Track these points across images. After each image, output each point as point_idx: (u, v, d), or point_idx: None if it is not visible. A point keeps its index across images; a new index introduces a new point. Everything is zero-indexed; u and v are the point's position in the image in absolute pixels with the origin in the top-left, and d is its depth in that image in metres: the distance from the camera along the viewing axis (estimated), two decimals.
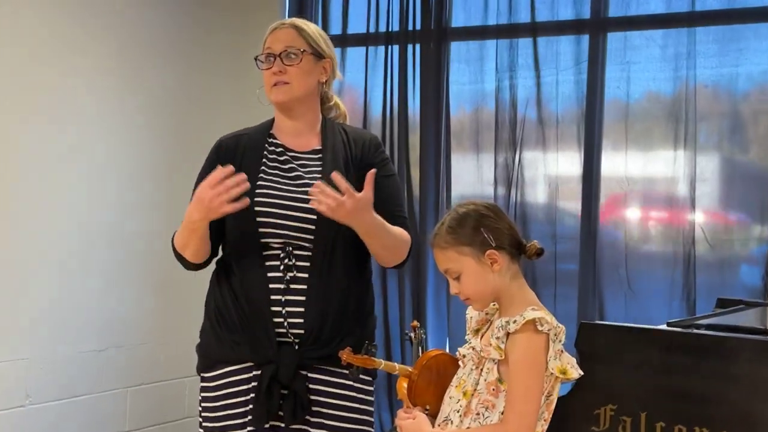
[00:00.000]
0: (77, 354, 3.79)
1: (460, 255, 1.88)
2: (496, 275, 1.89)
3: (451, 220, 1.92)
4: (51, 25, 3.68)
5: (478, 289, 1.90)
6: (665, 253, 3.73)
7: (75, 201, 3.78)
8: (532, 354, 1.82)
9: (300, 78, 2.29)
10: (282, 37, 2.31)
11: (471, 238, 1.88)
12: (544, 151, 3.94)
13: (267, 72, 2.31)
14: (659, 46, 3.75)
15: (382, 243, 2.25)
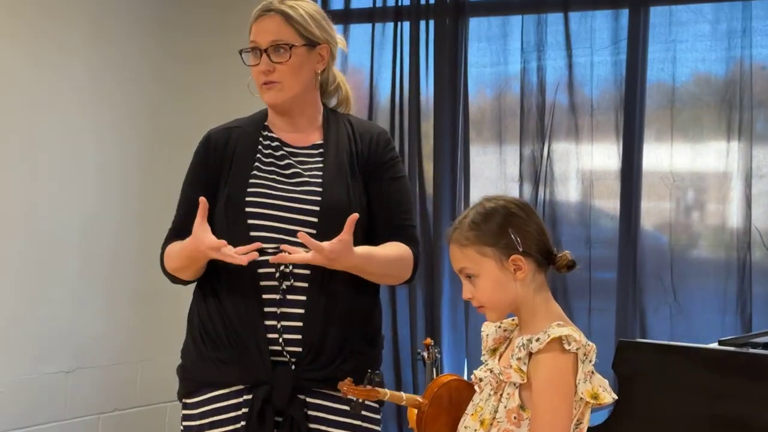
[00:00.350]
0: (41, 376, 3.81)
1: (481, 256, 1.89)
2: (519, 284, 1.90)
3: (476, 214, 1.92)
4: (18, 12, 3.70)
5: (496, 297, 1.91)
6: (716, 260, 3.73)
7: (38, 203, 3.80)
8: (558, 376, 1.82)
9: (291, 76, 2.28)
10: (268, 27, 2.28)
11: (495, 239, 1.89)
12: (577, 143, 3.96)
13: (254, 69, 2.30)
14: (709, 21, 3.75)
15: (377, 274, 2.28)
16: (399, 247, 2.30)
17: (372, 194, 2.33)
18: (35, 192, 3.78)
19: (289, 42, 2.27)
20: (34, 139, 3.79)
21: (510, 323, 2.00)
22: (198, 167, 2.35)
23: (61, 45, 3.87)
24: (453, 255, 1.95)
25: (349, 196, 2.28)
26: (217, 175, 2.32)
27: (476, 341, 4.07)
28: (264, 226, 2.24)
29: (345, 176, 2.30)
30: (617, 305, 3.84)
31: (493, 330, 2.01)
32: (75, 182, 3.93)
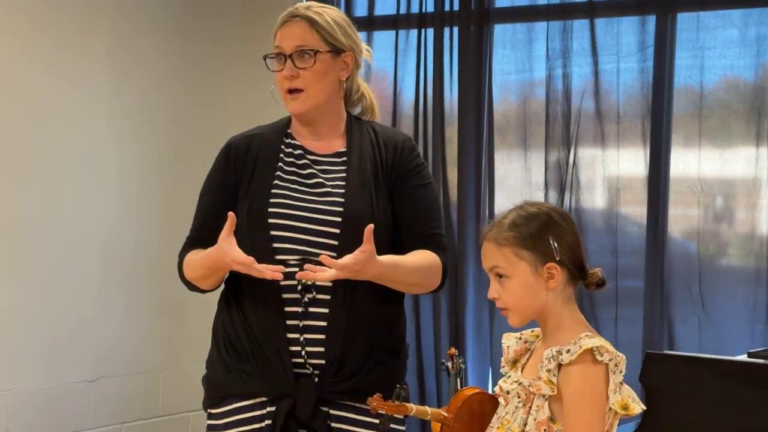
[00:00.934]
0: (65, 385, 3.84)
1: (517, 258, 1.89)
2: (549, 293, 1.89)
3: (518, 216, 1.92)
4: (37, 15, 3.74)
5: (524, 302, 1.90)
6: (745, 269, 3.71)
7: (59, 212, 3.83)
8: (591, 388, 1.82)
9: (316, 83, 2.29)
10: (293, 32, 2.29)
11: (534, 243, 1.89)
12: (603, 149, 3.95)
13: (278, 75, 2.31)
14: (738, 27, 3.74)
15: (404, 282, 2.28)
16: (427, 255, 2.30)
17: (398, 202, 2.33)
18: (56, 201, 3.81)
19: (314, 48, 2.28)
20: (56, 149, 3.82)
21: (530, 335, 2.00)
22: (218, 175, 2.36)
23: (83, 56, 3.90)
24: (487, 252, 1.94)
25: (372, 206, 2.28)
26: (237, 184, 2.32)
27: (500, 351, 4.06)
28: (287, 237, 2.25)
29: (368, 186, 2.30)
30: (644, 315, 3.82)
31: (513, 341, 2.01)
32: (96, 191, 3.96)
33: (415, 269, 2.28)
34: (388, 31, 4.33)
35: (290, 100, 2.31)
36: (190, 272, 2.32)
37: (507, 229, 1.91)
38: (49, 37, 3.77)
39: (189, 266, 2.33)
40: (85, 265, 3.92)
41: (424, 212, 2.34)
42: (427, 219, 2.34)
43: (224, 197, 2.33)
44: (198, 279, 2.31)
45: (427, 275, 2.31)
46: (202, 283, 2.32)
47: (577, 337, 1.85)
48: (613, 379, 1.84)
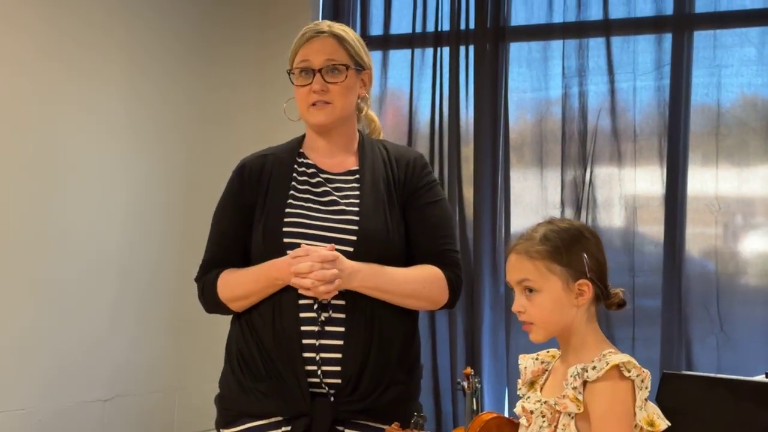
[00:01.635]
0: (79, 404, 3.85)
1: (549, 272, 1.88)
2: (576, 310, 1.89)
3: (550, 231, 1.91)
4: (50, 42, 3.78)
5: (552, 318, 1.89)
6: (764, 288, 3.70)
7: (75, 232, 3.85)
8: (620, 404, 1.81)
9: (343, 97, 2.32)
10: (323, 47, 2.32)
11: (568, 259, 1.88)
12: (620, 168, 3.95)
13: (304, 89, 2.33)
14: (755, 45, 3.74)
15: (397, 293, 2.27)
16: (425, 267, 2.31)
17: (410, 219, 2.34)
18: (72, 221, 3.83)
19: (344, 63, 2.32)
20: (73, 170, 3.84)
21: (547, 355, 1.99)
22: (232, 197, 2.37)
23: (98, 79, 3.93)
24: (517, 265, 1.92)
25: (387, 224, 2.29)
26: (252, 204, 2.34)
27: (517, 371, 4.04)
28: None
29: (382, 204, 2.31)
30: (662, 335, 3.81)
31: (531, 362, 2.00)
32: (112, 211, 3.98)
33: (407, 280, 2.27)
34: (403, 50, 4.36)
35: (315, 111, 2.32)
36: (229, 292, 2.31)
37: (539, 242, 1.89)
38: (63, 62, 3.80)
39: (228, 285, 2.31)
40: (101, 284, 3.93)
41: (435, 229, 2.34)
42: (439, 235, 2.35)
43: (239, 218, 2.34)
44: (240, 297, 2.30)
45: (423, 287, 2.30)
46: (240, 303, 2.30)
47: (601, 353, 1.85)
48: (639, 395, 1.83)
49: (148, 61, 4.14)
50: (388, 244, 2.29)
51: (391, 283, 2.26)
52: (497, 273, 4.10)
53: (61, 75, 3.80)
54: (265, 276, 2.26)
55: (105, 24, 3.96)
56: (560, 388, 1.89)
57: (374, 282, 2.24)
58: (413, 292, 2.29)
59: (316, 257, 2.17)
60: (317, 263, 2.17)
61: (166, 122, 4.21)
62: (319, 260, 2.17)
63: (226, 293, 2.32)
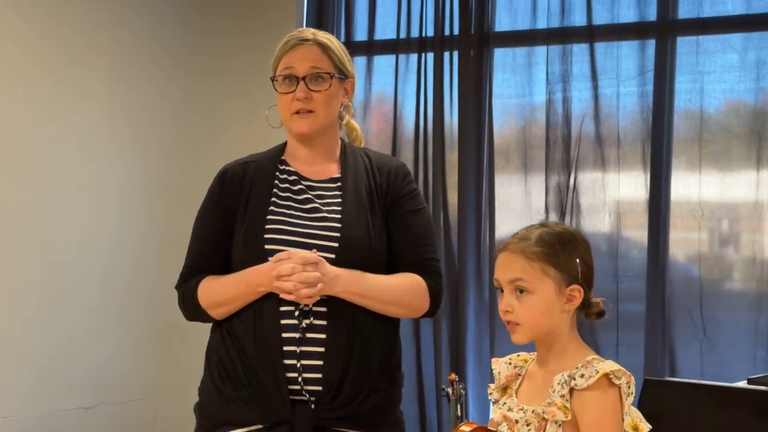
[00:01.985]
0: (62, 412, 3.83)
1: (544, 274, 1.86)
2: (563, 315, 1.88)
3: (546, 233, 1.89)
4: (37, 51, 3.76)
5: (540, 320, 1.87)
6: (747, 294, 3.70)
7: (58, 240, 3.83)
8: (611, 413, 1.80)
9: (327, 105, 2.32)
10: (307, 55, 2.32)
11: (564, 262, 1.86)
12: (604, 173, 3.95)
13: (287, 97, 2.33)
14: (738, 51, 3.75)
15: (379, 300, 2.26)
16: (407, 275, 2.31)
17: (392, 228, 2.34)
18: (54, 227, 3.81)
19: (328, 71, 2.32)
20: (55, 175, 3.83)
21: (518, 359, 1.98)
22: (213, 203, 2.36)
23: (81, 90, 3.92)
24: (511, 263, 1.89)
25: (369, 231, 2.29)
26: (233, 211, 2.33)
27: None
28: None
29: (364, 211, 2.31)
30: (646, 340, 3.81)
31: (504, 367, 1.98)
32: (94, 219, 3.97)
33: (389, 287, 2.27)
34: (388, 56, 4.35)
35: (298, 120, 2.32)
36: (212, 298, 2.30)
37: (536, 243, 1.87)
38: (45, 69, 3.79)
39: (208, 292, 2.30)
40: (83, 292, 3.91)
41: (417, 237, 2.34)
42: (421, 244, 2.35)
43: (220, 225, 2.34)
44: (221, 304, 2.29)
45: (405, 294, 2.30)
46: (221, 310, 2.29)
47: (584, 359, 1.83)
48: (627, 401, 1.83)
49: (131, 69, 4.12)
50: (370, 252, 2.28)
51: (373, 289, 2.25)
52: (482, 279, 4.10)
53: (44, 82, 3.79)
54: (246, 282, 2.25)
55: (88, 31, 3.94)
56: (540, 394, 1.88)
57: (356, 288, 2.23)
58: (394, 299, 2.29)
59: (299, 259, 2.17)
60: (299, 265, 2.16)
61: (147, 130, 4.19)
62: (302, 262, 2.16)
63: (206, 300, 2.31)
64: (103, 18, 3.99)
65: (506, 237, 1.96)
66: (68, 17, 3.87)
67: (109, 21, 4.02)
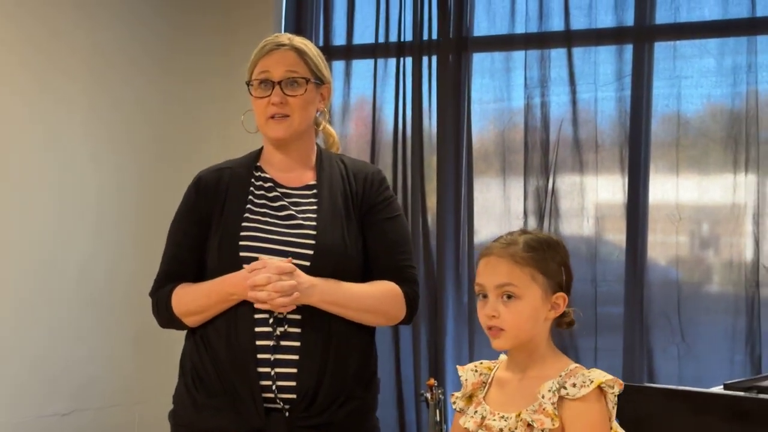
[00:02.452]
0: (37, 419, 3.80)
1: (532, 280, 1.85)
2: (545, 323, 1.87)
3: (533, 240, 1.88)
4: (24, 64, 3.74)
5: (526, 326, 1.86)
6: (725, 298, 3.71)
7: (35, 239, 3.80)
8: (601, 422, 1.81)
9: (302, 110, 2.31)
10: (283, 60, 2.30)
11: (552, 270, 1.86)
12: (582, 177, 3.95)
13: (262, 101, 2.31)
14: (714, 56, 3.76)
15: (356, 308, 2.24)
16: (383, 283, 2.30)
17: (368, 235, 2.33)
18: (31, 230, 3.79)
19: (304, 76, 2.30)
20: (32, 177, 3.81)
21: (483, 367, 1.97)
22: (188, 210, 2.34)
23: (61, 95, 3.90)
24: (498, 269, 1.86)
25: (344, 238, 2.27)
26: (208, 218, 2.31)
27: None
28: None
29: (339, 218, 2.29)
30: (624, 345, 3.81)
31: (471, 374, 1.97)
32: (73, 224, 3.94)
33: (365, 295, 2.26)
34: (366, 60, 4.34)
35: (273, 125, 2.30)
36: (183, 306, 2.28)
37: (524, 249, 1.86)
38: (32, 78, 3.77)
39: (182, 300, 2.28)
40: (60, 297, 3.89)
41: (393, 245, 2.33)
42: (397, 251, 2.33)
43: (195, 231, 2.32)
44: (195, 312, 2.26)
45: (381, 303, 2.28)
46: (194, 318, 2.27)
47: (567, 368, 1.83)
48: (614, 410, 1.83)
49: (109, 72, 4.10)
50: (345, 259, 2.27)
51: (349, 298, 2.24)
52: (461, 283, 4.09)
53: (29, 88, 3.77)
54: (218, 291, 2.23)
55: (68, 33, 3.92)
56: (515, 401, 1.87)
57: (332, 297, 2.22)
58: (370, 308, 2.28)
59: (273, 269, 2.15)
60: (274, 275, 2.14)
61: (125, 136, 4.17)
62: (277, 272, 2.15)
63: (180, 308, 2.29)
64: (83, 20, 3.97)
65: (488, 242, 1.95)
66: (51, 18, 3.84)
67: (89, 23, 3.99)
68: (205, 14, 4.48)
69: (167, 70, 4.33)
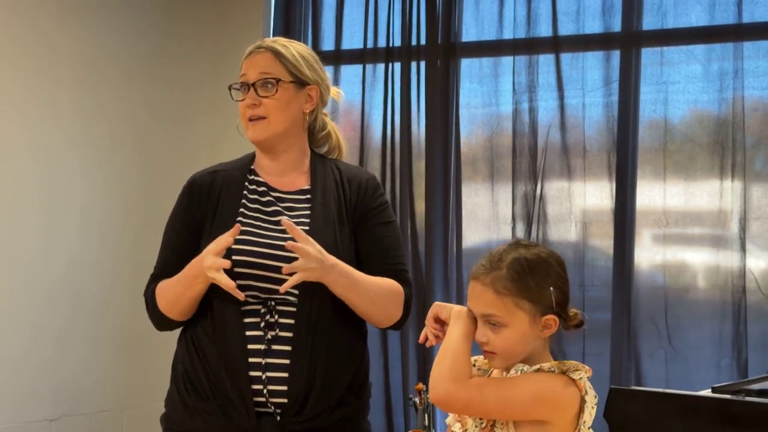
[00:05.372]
0: (24, 424, 3.78)
1: (517, 308, 1.83)
2: (539, 340, 1.86)
3: (517, 264, 1.84)
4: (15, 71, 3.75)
5: (516, 350, 1.85)
6: (711, 303, 3.73)
7: (23, 250, 3.79)
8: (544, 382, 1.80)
9: (277, 111, 2.30)
10: (258, 62, 2.32)
11: (537, 295, 1.83)
12: (570, 183, 3.97)
13: (241, 105, 2.33)
14: (701, 62, 3.78)
15: (365, 297, 2.25)
16: (388, 280, 2.31)
17: (361, 240, 2.33)
18: (17, 235, 3.78)
19: (276, 76, 2.30)
20: (17, 181, 3.80)
21: (483, 362, 1.97)
22: (182, 212, 2.35)
23: (50, 103, 3.90)
24: (483, 297, 1.85)
25: (336, 243, 2.28)
26: (201, 220, 2.32)
27: None
28: (250, 274, 2.23)
29: (332, 223, 2.30)
30: (612, 349, 3.83)
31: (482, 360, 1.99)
32: (59, 232, 3.94)
33: (374, 285, 2.27)
34: (355, 65, 4.35)
35: (251, 126, 2.32)
36: (165, 297, 2.29)
37: (506, 278, 1.83)
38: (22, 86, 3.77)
39: (162, 293, 2.29)
40: (49, 302, 3.88)
41: (387, 249, 2.34)
42: (391, 256, 2.35)
43: (188, 233, 2.32)
44: (172, 303, 2.27)
45: (387, 297, 2.29)
46: (175, 309, 2.28)
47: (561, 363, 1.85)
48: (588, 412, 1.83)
49: (98, 79, 4.10)
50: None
51: (362, 284, 2.25)
52: (449, 288, 4.10)
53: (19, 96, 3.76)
54: (184, 276, 2.24)
55: (56, 40, 3.91)
56: None
57: (348, 279, 2.22)
58: (376, 300, 2.28)
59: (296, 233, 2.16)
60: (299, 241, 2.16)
61: (110, 143, 4.16)
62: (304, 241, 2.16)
63: (161, 302, 2.30)
64: (73, 28, 3.97)
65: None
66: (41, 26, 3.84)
67: (80, 32, 3.99)
68: (194, 22, 4.48)
69: (156, 77, 4.33)
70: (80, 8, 4.02)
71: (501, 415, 1.85)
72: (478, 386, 1.83)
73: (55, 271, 3.91)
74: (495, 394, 1.82)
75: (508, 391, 1.82)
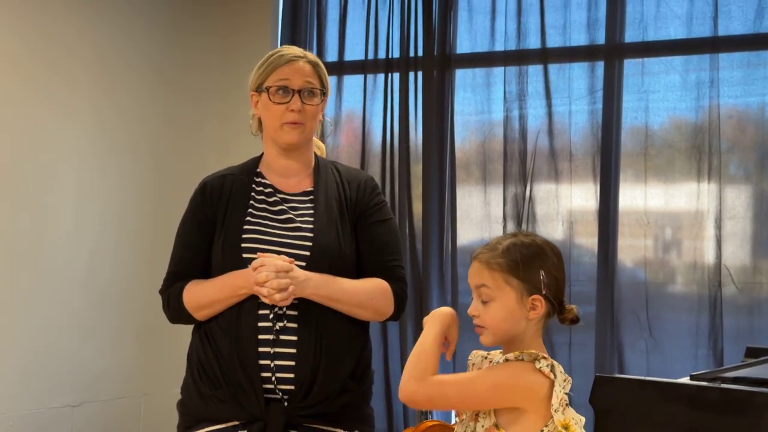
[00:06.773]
0: (48, 410, 3.78)
1: (505, 284, 1.86)
2: (527, 323, 1.87)
3: (513, 245, 1.88)
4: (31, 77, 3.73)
5: (503, 326, 1.87)
6: (689, 297, 3.73)
7: (46, 241, 3.79)
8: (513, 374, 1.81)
9: (313, 119, 2.34)
10: (300, 70, 2.32)
11: (525, 274, 1.85)
12: (557, 185, 3.97)
13: (279, 107, 2.31)
14: (679, 72, 3.79)
15: (348, 302, 2.25)
16: (373, 280, 2.31)
17: (360, 237, 2.34)
18: (40, 230, 3.78)
19: (320, 87, 2.33)
20: (42, 180, 3.80)
21: (497, 354, 1.98)
22: (195, 212, 2.35)
23: (67, 105, 3.90)
24: (476, 271, 1.89)
25: (339, 240, 2.29)
26: (213, 220, 2.33)
27: None
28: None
29: (335, 221, 2.30)
30: (596, 340, 3.83)
31: (479, 360, 1.98)
32: (82, 221, 3.94)
33: (356, 290, 2.27)
34: (357, 75, 4.36)
35: (289, 130, 2.30)
36: (195, 301, 2.28)
37: (500, 254, 1.87)
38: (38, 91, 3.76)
39: (193, 294, 2.29)
40: (70, 293, 3.87)
41: (383, 245, 2.34)
42: (387, 252, 2.35)
43: (201, 233, 2.33)
44: (205, 306, 2.27)
45: (371, 298, 2.29)
46: (205, 312, 2.28)
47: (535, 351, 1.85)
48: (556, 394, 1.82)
49: (114, 83, 4.09)
50: (340, 259, 2.28)
51: (341, 292, 2.25)
52: (444, 283, 4.11)
53: (35, 101, 3.75)
54: (229, 286, 2.24)
55: (72, 44, 3.91)
56: None
57: (325, 291, 2.23)
58: (361, 303, 2.28)
59: (272, 267, 2.16)
60: (272, 273, 2.15)
61: (128, 139, 4.16)
62: (275, 270, 2.16)
63: (191, 303, 2.30)
64: (87, 31, 3.96)
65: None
66: (56, 32, 3.84)
67: (92, 34, 3.98)
68: (205, 35, 4.48)
69: (169, 87, 4.33)
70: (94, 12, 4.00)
71: (465, 407, 1.87)
72: (438, 383, 1.84)
73: (79, 265, 3.91)
74: (455, 389, 1.84)
75: (468, 385, 1.84)
